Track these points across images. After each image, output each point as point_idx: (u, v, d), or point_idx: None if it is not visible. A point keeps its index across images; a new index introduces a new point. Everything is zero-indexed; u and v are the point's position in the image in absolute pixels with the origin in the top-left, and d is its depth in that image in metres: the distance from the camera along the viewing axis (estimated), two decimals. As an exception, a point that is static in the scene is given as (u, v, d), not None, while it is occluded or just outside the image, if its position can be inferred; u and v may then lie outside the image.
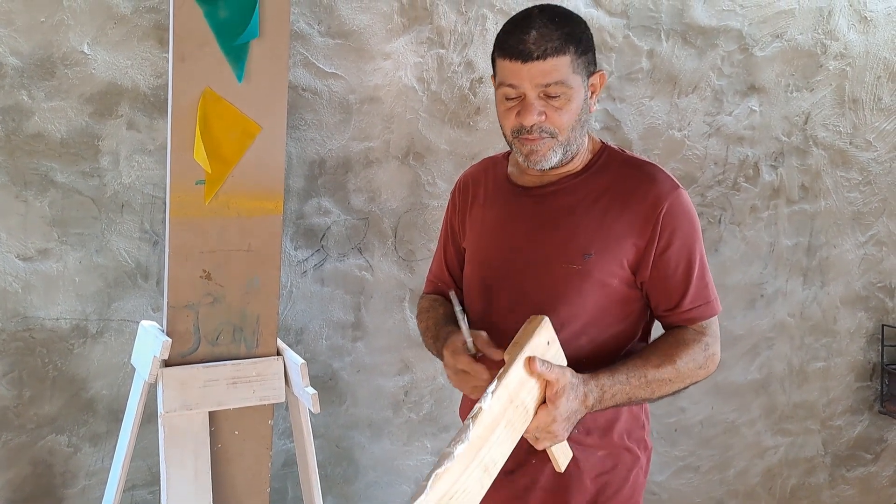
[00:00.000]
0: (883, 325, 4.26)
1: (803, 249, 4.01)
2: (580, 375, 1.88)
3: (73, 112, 2.66)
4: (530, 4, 2.29)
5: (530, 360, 1.78)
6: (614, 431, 2.11)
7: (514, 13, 3.13)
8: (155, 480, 2.90)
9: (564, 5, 3.19)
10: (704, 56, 3.61)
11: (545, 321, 1.85)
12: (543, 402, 1.83)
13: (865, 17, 3.90)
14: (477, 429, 1.66)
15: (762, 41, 3.71)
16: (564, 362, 1.89)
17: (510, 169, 2.23)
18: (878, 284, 4.23)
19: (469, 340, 1.92)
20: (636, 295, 2.07)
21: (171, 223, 2.33)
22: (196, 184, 2.32)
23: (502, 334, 1.98)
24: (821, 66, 3.86)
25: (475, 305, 2.21)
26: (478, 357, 1.93)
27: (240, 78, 2.32)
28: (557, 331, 1.94)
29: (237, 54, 2.31)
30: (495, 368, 1.81)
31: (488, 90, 3.24)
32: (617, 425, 2.11)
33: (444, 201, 3.20)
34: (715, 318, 2.10)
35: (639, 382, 1.94)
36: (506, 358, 1.79)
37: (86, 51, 2.65)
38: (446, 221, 2.40)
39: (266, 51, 2.35)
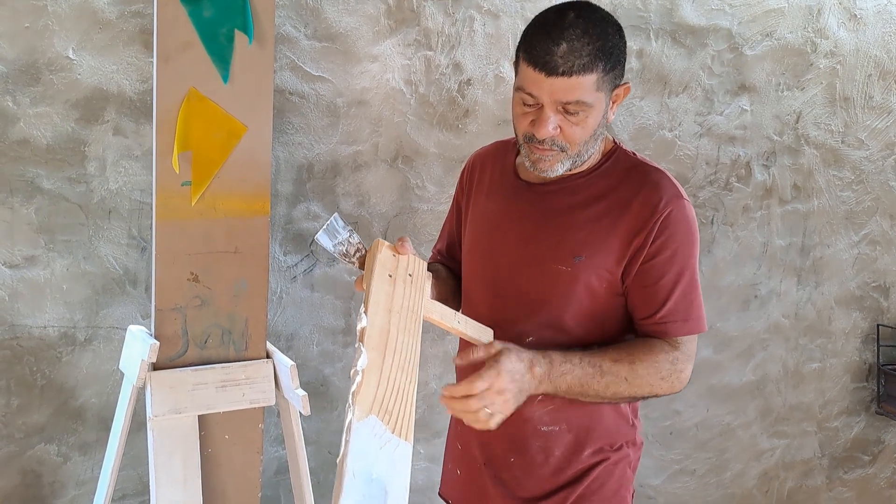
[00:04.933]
0: (878, 325, 4.25)
1: (797, 249, 4.00)
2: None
3: (59, 118, 2.65)
4: (518, 8, 2.27)
5: (402, 240, 1.91)
6: (599, 430, 2.09)
7: (501, 14, 3.18)
8: (146, 489, 2.87)
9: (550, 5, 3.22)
10: (694, 55, 3.60)
11: (379, 240, 1.91)
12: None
13: (855, 15, 3.89)
14: (370, 342, 1.73)
15: (752, 40, 3.70)
16: (425, 266, 1.97)
17: (519, 160, 2.18)
18: (873, 284, 4.22)
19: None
20: (623, 304, 2.04)
21: (158, 226, 2.30)
22: (182, 185, 2.30)
23: (500, 327, 1.97)
24: (811, 64, 3.85)
25: (473, 296, 2.20)
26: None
27: (225, 79, 2.31)
28: (543, 329, 1.96)
29: (222, 55, 2.29)
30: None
31: (476, 92, 3.23)
32: (601, 423, 2.09)
33: (434, 205, 3.20)
34: (692, 339, 2.01)
35: (593, 370, 1.89)
36: (363, 287, 1.85)
37: (71, 56, 2.63)
38: (455, 198, 2.39)
39: (251, 50, 2.33)
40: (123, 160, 2.74)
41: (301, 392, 2.39)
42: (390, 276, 1.86)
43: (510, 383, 1.78)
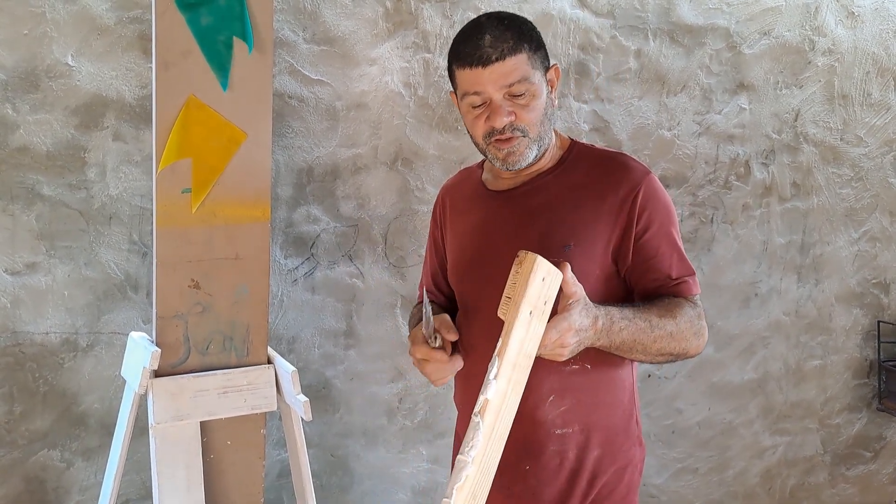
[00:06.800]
0: (879, 322, 4.25)
1: (797, 247, 4.00)
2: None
3: (59, 124, 2.65)
4: (515, 10, 2.29)
5: (562, 267, 1.71)
6: (608, 428, 2.10)
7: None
8: (149, 494, 2.88)
9: (550, 7, 3.23)
10: (692, 55, 3.60)
11: (537, 260, 1.60)
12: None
13: (853, 13, 3.89)
14: (487, 419, 1.50)
15: (750, 39, 3.70)
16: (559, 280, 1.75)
17: (485, 176, 2.25)
18: (873, 281, 4.22)
19: (429, 328, 1.93)
20: (616, 285, 2.06)
21: (158, 233, 2.31)
22: (182, 192, 2.30)
23: (493, 337, 1.97)
24: (809, 62, 3.85)
25: (465, 310, 2.20)
26: (441, 343, 1.96)
27: (224, 86, 2.31)
28: None
29: (221, 62, 2.30)
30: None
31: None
32: (611, 421, 2.10)
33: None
34: (699, 297, 2.09)
35: (644, 325, 1.91)
36: (501, 316, 1.61)
37: (70, 62, 2.64)
38: (431, 234, 2.42)
39: (250, 57, 2.33)
40: (123, 166, 2.74)
41: (303, 398, 2.39)
42: (531, 313, 1.59)
43: (574, 338, 1.77)
